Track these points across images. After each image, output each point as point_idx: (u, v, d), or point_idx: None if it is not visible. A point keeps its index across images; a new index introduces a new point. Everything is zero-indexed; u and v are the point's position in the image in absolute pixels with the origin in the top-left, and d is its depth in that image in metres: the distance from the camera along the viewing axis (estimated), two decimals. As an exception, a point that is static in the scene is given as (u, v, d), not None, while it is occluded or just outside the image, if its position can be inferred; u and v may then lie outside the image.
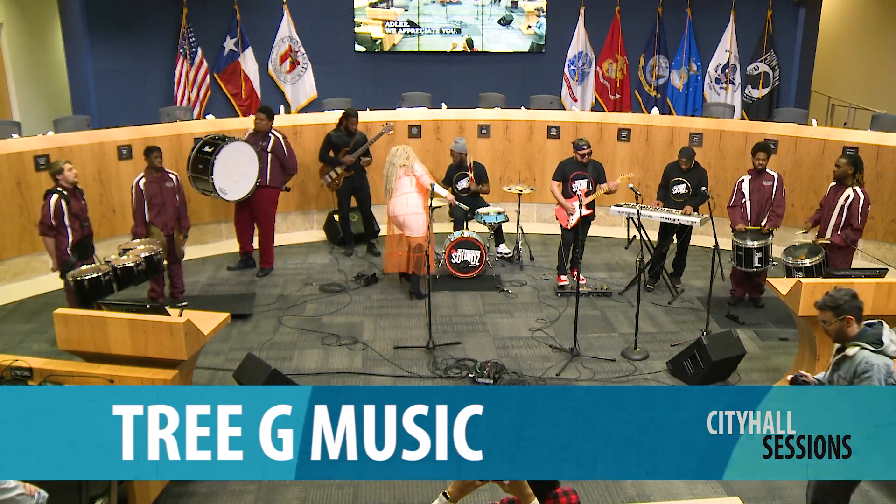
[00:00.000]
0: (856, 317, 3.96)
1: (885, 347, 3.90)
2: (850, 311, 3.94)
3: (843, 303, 3.93)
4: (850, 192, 6.88)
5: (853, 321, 3.95)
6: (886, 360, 3.86)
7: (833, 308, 3.95)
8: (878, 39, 13.23)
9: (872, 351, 3.87)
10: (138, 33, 11.28)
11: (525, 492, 3.12)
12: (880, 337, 3.92)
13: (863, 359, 3.87)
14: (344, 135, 8.67)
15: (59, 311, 4.96)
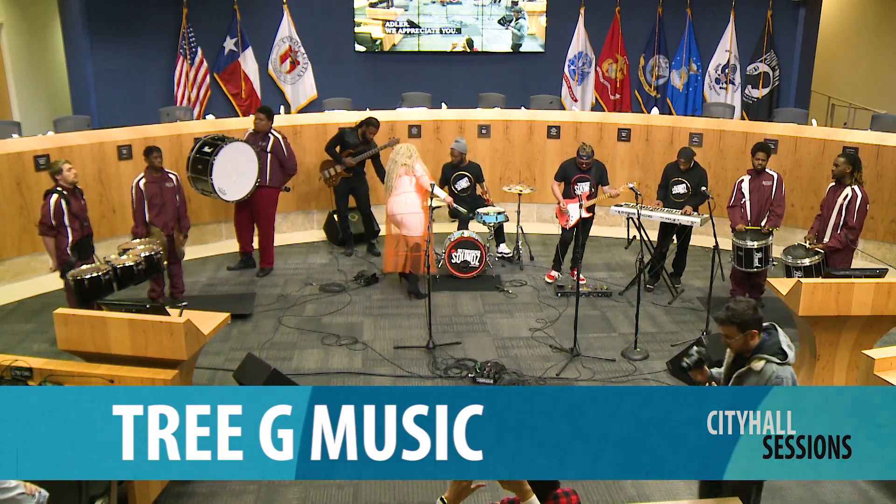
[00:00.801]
0: (758, 329, 3.82)
1: (791, 359, 3.80)
2: (754, 325, 3.78)
3: (748, 317, 3.77)
4: (849, 191, 6.89)
5: (756, 335, 3.81)
6: (791, 370, 3.80)
7: (738, 323, 3.78)
8: (878, 39, 13.23)
9: (779, 363, 3.74)
10: (138, 33, 11.28)
11: (523, 489, 3.12)
12: (781, 346, 3.80)
13: (772, 373, 3.72)
14: (359, 141, 8.67)
15: (59, 311, 4.96)
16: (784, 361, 3.76)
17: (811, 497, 4.99)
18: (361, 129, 8.67)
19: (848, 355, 5.69)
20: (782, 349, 3.80)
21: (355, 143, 8.68)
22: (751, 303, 3.81)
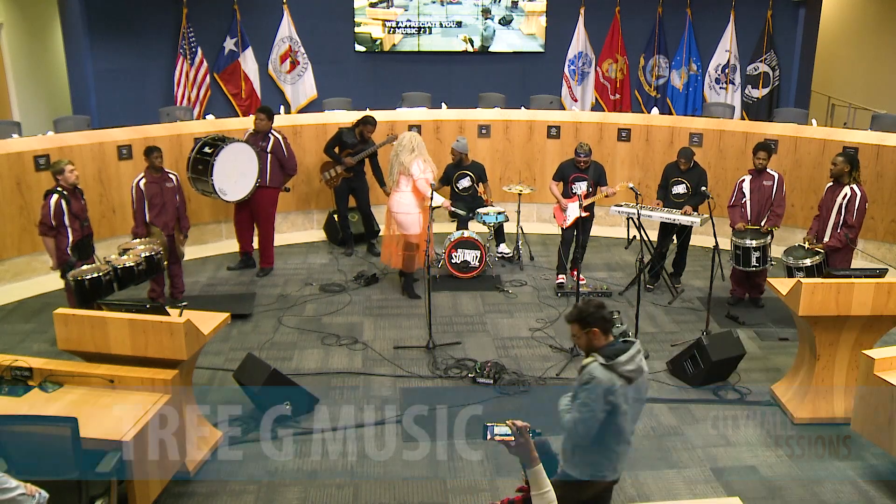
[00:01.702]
0: (601, 328, 3.67)
1: (617, 362, 3.61)
2: (595, 324, 3.67)
3: (588, 315, 3.68)
4: (848, 191, 6.89)
5: (599, 333, 3.68)
6: (613, 377, 3.59)
7: (578, 320, 3.71)
8: (878, 39, 13.23)
9: (603, 364, 3.62)
10: (138, 33, 11.28)
11: (531, 455, 3.12)
12: (620, 353, 3.64)
13: (590, 370, 3.62)
14: (357, 140, 8.67)
15: (59, 311, 4.96)
16: (609, 363, 3.61)
17: (811, 497, 4.99)
18: (359, 128, 8.67)
19: (848, 355, 5.69)
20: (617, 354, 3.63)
21: (353, 142, 8.68)
22: (598, 302, 3.74)
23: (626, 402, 3.63)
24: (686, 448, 5.49)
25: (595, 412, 3.57)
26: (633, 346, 3.69)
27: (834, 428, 5.69)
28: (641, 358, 3.71)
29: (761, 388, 6.25)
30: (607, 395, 3.57)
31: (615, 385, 3.59)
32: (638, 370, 3.67)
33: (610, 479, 3.82)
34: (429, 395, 6.10)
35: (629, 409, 3.66)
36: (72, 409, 4.47)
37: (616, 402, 3.59)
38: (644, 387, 3.76)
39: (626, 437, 3.75)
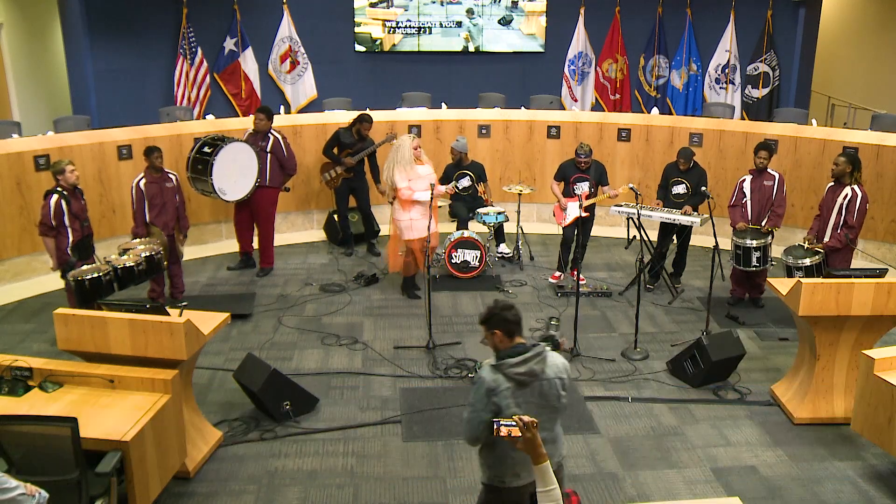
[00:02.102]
0: (504, 331, 3.62)
1: (505, 363, 3.57)
2: (497, 326, 3.63)
3: (491, 317, 3.65)
4: (849, 191, 6.89)
5: (501, 335, 3.63)
6: (499, 377, 3.55)
7: (484, 322, 3.68)
8: (878, 39, 13.23)
9: (492, 365, 3.61)
10: (138, 33, 11.28)
11: (538, 450, 3.10)
12: (514, 355, 3.59)
13: (479, 371, 3.63)
14: (354, 138, 8.67)
15: (59, 311, 4.96)
16: (496, 364, 3.61)
17: (811, 497, 4.99)
18: (355, 126, 8.67)
19: (848, 355, 5.69)
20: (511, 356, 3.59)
21: (351, 141, 8.68)
22: (506, 304, 3.69)
23: (518, 406, 3.53)
24: (686, 448, 5.49)
25: (478, 412, 3.53)
26: (533, 349, 3.62)
27: (834, 428, 5.70)
28: (543, 363, 3.61)
29: (761, 388, 6.25)
30: (490, 396, 3.53)
31: (500, 386, 3.54)
32: (530, 374, 3.57)
33: (512, 485, 3.66)
34: (429, 395, 6.10)
35: (520, 412, 3.43)
36: (72, 409, 4.47)
37: (500, 403, 3.52)
38: (552, 393, 3.64)
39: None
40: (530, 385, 3.59)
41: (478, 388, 3.57)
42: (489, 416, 3.47)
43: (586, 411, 5.90)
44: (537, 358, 3.60)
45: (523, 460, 3.56)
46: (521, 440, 3.08)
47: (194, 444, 5.14)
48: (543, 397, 3.62)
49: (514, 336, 3.64)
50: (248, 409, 5.86)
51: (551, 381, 3.64)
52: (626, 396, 6.12)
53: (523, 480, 3.65)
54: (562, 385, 3.67)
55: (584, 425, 5.73)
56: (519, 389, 3.57)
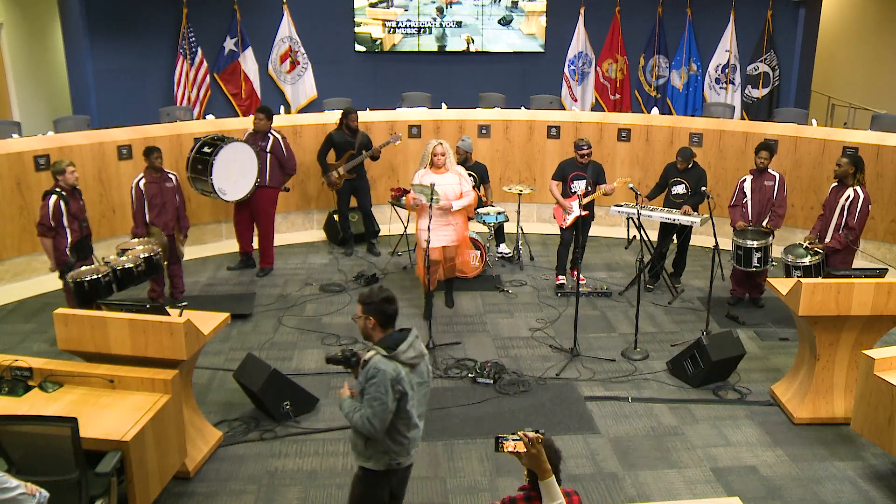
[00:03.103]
0: (379, 321, 3.79)
1: (398, 352, 3.72)
2: (374, 314, 3.78)
3: (371, 302, 3.78)
4: (851, 192, 6.89)
5: (376, 325, 3.79)
6: (397, 366, 3.70)
7: (363, 302, 3.82)
8: (878, 39, 13.23)
9: (384, 356, 3.71)
10: (138, 33, 11.28)
11: (544, 466, 3.11)
12: (399, 342, 3.75)
13: (373, 364, 3.70)
14: (346, 133, 8.67)
15: (59, 311, 4.96)
16: (390, 354, 3.70)
17: (811, 497, 4.99)
18: (343, 123, 8.66)
19: (848, 355, 5.69)
20: (397, 344, 3.74)
21: (345, 140, 8.67)
22: (386, 294, 3.83)
23: (412, 387, 3.78)
24: (686, 448, 5.49)
25: (387, 404, 3.68)
26: (409, 333, 3.82)
27: (834, 428, 5.70)
28: (419, 342, 3.85)
29: (761, 388, 6.25)
30: (395, 385, 3.69)
31: (400, 373, 3.71)
32: (419, 355, 3.82)
33: (406, 464, 3.94)
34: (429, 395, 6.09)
35: (414, 393, 3.80)
36: (72, 409, 4.47)
37: (404, 389, 3.73)
38: (426, 369, 3.90)
39: (415, 421, 3.87)
40: (418, 367, 3.83)
41: (380, 381, 3.68)
42: (395, 404, 3.70)
43: (586, 411, 5.90)
44: (417, 340, 3.85)
45: (415, 438, 3.87)
46: (525, 456, 3.09)
47: (194, 444, 5.14)
48: (422, 375, 3.88)
49: (387, 327, 3.83)
50: (248, 409, 5.86)
51: (425, 360, 3.90)
52: (626, 396, 6.12)
53: (412, 458, 3.96)
54: (428, 360, 3.95)
55: (584, 425, 5.73)
56: (412, 372, 3.79)
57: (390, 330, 3.84)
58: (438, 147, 7.01)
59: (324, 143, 8.74)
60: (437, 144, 7.03)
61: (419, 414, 3.89)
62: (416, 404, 3.83)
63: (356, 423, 3.74)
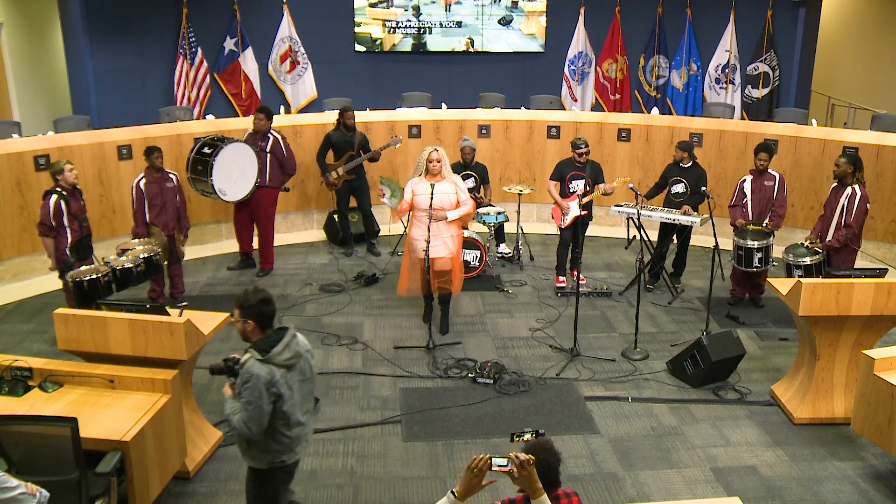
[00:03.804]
0: (258, 324, 3.84)
1: (272, 355, 3.74)
2: (252, 317, 3.82)
3: (248, 305, 3.81)
4: (850, 191, 6.89)
5: (254, 327, 3.84)
6: (271, 368, 3.73)
7: (239, 307, 3.84)
8: (878, 39, 13.23)
9: (259, 360, 3.73)
10: (138, 33, 11.28)
11: (535, 486, 3.12)
12: (274, 344, 3.78)
13: (247, 368, 3.72)
14: (343, 133, 8.67)
15: (59, 311, 4.96)
16: (264, 357, 3.73)
17: (811, 497, 4.99)
18: (340, 122, 8.66)
19: (848, 355, 5.69)
20: (272, 346, 3.76)
21: (343, 139, 8.67)
22: (264, 296, 3.86)
23: (291, 387, 3.83)
24: (686, 448, 5.49)
25: (262, 407, 3.71)
26: (286, 332, 3.85)
27: (834, 428, 5.70)
28: (297, 341, 3.90)
29: (761, 388, 6.25)
30: (270, 388, 3.73)
31: (275, 376, 3.75)
32: (296, 355, 3.85)
33: (289, 462, 3.99)
34: (429, 395, 6.10)
35: (295, 392, 3.85)
36: (72, 409, 4.47)
37: (279, 391, 3.76)
38: (308, 366, 3.96)
39: (297, 419, 3.91)
40: (297, 366, 3.88)
41: (254, 385, 3.70)
42: (271, 406, 3.75)
43: (586, 411, 5.90)
44: (294, 339, 3.88)
45: (299, 436, 3.92)
46: (517, 477, 3.10)
47: (194, 444, 5.14)
48: (304, 373, 3.94)
49: (265, 329, 3.87)
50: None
51: (305, 357, 3.95)
52: (626, 396, 6.12)
53: (298, 455, 4.02)
54: (311, 356, 4.02)
55: (584, 425, 5.73)
56: (289, 373, 3.83)
57: (269, 330, 3.88)
58: (434, 154, 6.77)
59: (322, 144, 8.74)
60: (433, 151, 6.79)
61: (305, 411, 3.97)
62: (298, 402, 3.89)
63: (234, 425, 3.78)
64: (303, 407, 3.96)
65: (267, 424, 3.79)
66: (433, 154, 6.77)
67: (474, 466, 3.09)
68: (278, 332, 3.88)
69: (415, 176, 6.92)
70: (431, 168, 6.77)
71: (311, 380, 4.03)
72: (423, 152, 6.85)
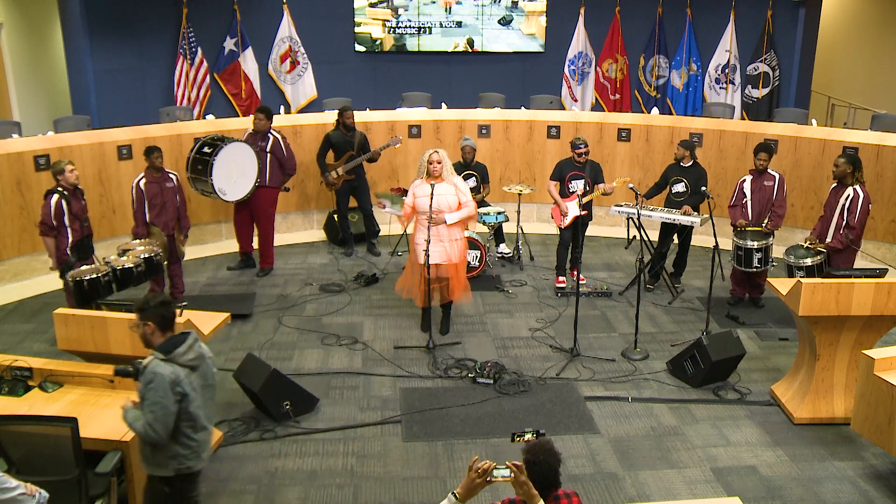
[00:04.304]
0: (158, 325, 3.79)
1: (176, 355, 3.73)
2: (152, 318, 3.78)
3: (147, 308, 3.79)
4: (850, 192, 6.89)
5: (155, 329, 3.79)
6: (175, 368, 3.71)
7: (138, 311, 3.80)
8: (878, 39, 13.23)
9: (161, 359, 3.71)
10: (138, 33, 11.28)
11: (531, 492, 3.13)
12: (178, 345, 3.76)
13: (150, 368, 3.69)
14: (343, 133, 8.67)
15: (59, 311, 4.97)
16: (167, 357, 3.71)
17: (811, 497, 4.99)
18: (339, 121, 8.66)
19: (848, 355, 5.69)
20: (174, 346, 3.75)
21: (343, 139, 8.67)
22: (160, 298, 3.83)
23: (194, 389, 3.80)
24: (686, 448, 5.49)
25: (168, 407, 3.68)
26: (188, 335, 3.84)
27: (834, 428, 5.70)
28: (200, 345, 3.89)
29: (761, 388, 6.25)
30: (174, 387, 3.70)
31: (179, 375, 3.73)
32: (199, 357, 3.84)
33: (196, 468, 3.93)
34: (429, 395, 6.10)
35: (197, 395, 3.82)
36: (72, 409, 4.47)
37: (184, 391, 3.74)
38: (210, 371, 3.95)
39: (202, 423, 3.88)
40: (199, 369, 3.85)
41: (157, 385, 3.68)
42: (177, 406, 3.71)
43: (586, 411, 5.90)
44: (197, 342, 3.88)
45: (204, 441, 3.88)
46: (514, 484, 3.11)
47: (194, 444, 5.13)
48: (205, 378, 3.92)
49: (166, 331, 3.83)
50: (248, 409, 5.86)
51: (207, 361, 3.94)
52: (626, 396, 6.12)
53: (203, 461, 3.96)
54: (212, 362, 4.01)
55: (584, 425, 5.73)
56: (192, 374, 3.81)
57: (170, 333, 3.84)
58: (434, 155, 6.72)
59: (322, 145, 8.74)
60: (433, 153, 6.74)
61: (207, 416, 3.92)
62: (201, 406, 3.86)
63: (139, 431, 3.72)
64: (205, 411, 3.91)
65: (173, 427, 3.73)
66: (433, 156, 6.73)
67: (475, 468, 3.09)
68: (181, 335, 3.83)
69: (416, 178, 6.89)
70: (432, 170, 6.72)
71: (213, 386, 4.00)
72: (424, 154, 6.81)
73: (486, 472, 3.11)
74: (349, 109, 8.70)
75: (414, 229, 6.96)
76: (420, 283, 6.86)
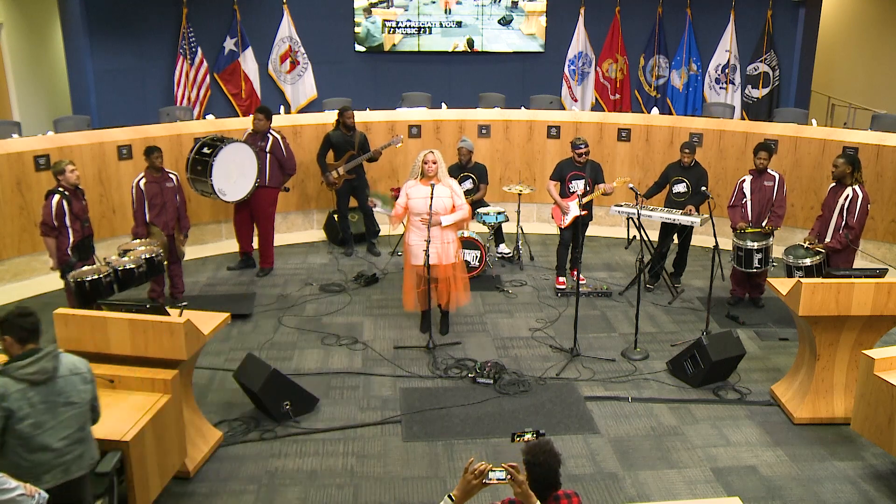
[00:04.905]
0: (17, 338, 3.67)
1: (12, 367, 3.61)
2: (9, 331, 3.67)
3: (6, 321, 3.67)
4: (850, 192, 6.88)
5: (12, 342, 3.68)
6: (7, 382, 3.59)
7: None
8: (878, 39, 13.23)
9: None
10: (138, 33, 11.28)
11: (531, 500, 3.16)
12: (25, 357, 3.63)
13: None
14: (343, 133, 8.67)
15: (59, 311, 4.96)
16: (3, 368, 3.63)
17: (811, 497, 4.99)
18: (340, 121, 8.66)
19: (848, 355, 5.69)
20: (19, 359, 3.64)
21: (343, 139, 8.66)
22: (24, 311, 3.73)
23: (31, 405, 3.63)
24: (686, 448, 5.49)
25: None
26: (44, 350, 3.70)
27: (834, 428, 5.70)
28: (56, 360, 3.72)
29: (761, 388, 6.25)
30: (1, 402, 3.57)
31: (8, 390, 3.58)
32: (42, 371, 3.65)
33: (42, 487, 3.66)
34: (429, 395, 6.10)
35: (38, 413, 3.63)
36: (72, 409, 4.47)
37: (10, 407, 3.58)
38: (75, 390, 3.78)
39: (42, 443, 3.68)
40: (47, 384, 3.69)
41: None
42: (3, 422, 3.57)
43: (586, 411, 5.90)
44: (48, 356, 3.71)
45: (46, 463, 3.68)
46: (512, 485, 3.12)
47: (194, 444, 5.14)
48: (62, 394, 3.75)
49: (27, 343, 3.70)
50: (248, 409, 5.86)
51: (67, 378, 3.77)
52: (626, 396, 6.12)
53: (45, 483, 3.69)
54: (81, 380, 3.84)
55: (584, 425, 5.73)
56: (32, 389, 3.65)
57: (32, 346, 3.71)
58: (429, 155, 6.64)
59: (322, 145, 8.74)
60: (428, 153, 6.66)
61: (63, 437, 3.73)
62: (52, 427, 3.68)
63: None
64: (60, 433, 3.72)
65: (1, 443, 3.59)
66: (428, 156, 6.67)
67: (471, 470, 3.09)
68: (37, 349, 3.70)
69: (410, 179, 6.83)
70: (426, 170, 6.66)
71: (78, 405, 3.80)
72: (419, 155, 6.77)
73: (482, 473, 3.11)
74: (350, 110, 8.71)
75: (406, 230, 6.91)
76: (419, 284, 6.86)
